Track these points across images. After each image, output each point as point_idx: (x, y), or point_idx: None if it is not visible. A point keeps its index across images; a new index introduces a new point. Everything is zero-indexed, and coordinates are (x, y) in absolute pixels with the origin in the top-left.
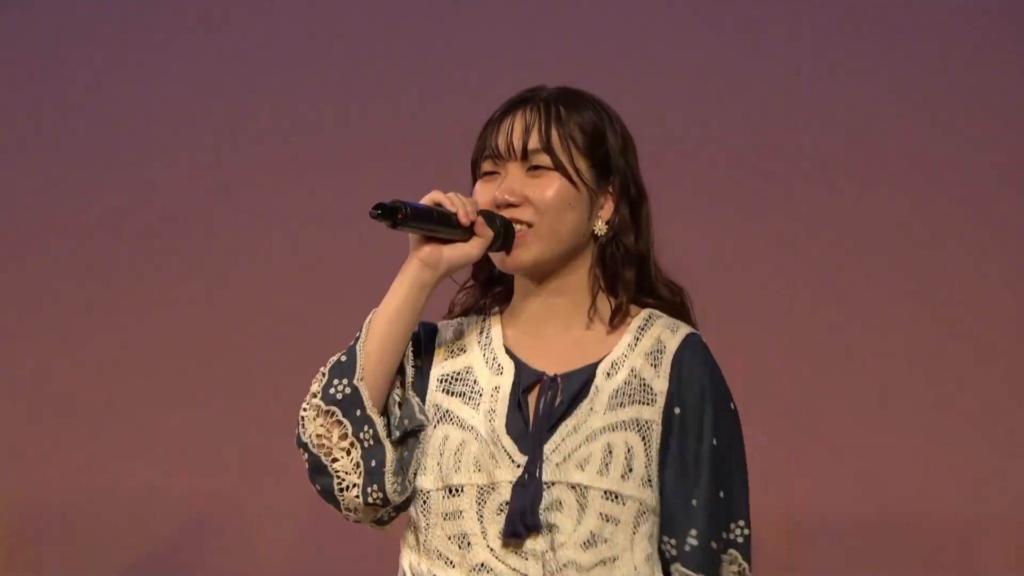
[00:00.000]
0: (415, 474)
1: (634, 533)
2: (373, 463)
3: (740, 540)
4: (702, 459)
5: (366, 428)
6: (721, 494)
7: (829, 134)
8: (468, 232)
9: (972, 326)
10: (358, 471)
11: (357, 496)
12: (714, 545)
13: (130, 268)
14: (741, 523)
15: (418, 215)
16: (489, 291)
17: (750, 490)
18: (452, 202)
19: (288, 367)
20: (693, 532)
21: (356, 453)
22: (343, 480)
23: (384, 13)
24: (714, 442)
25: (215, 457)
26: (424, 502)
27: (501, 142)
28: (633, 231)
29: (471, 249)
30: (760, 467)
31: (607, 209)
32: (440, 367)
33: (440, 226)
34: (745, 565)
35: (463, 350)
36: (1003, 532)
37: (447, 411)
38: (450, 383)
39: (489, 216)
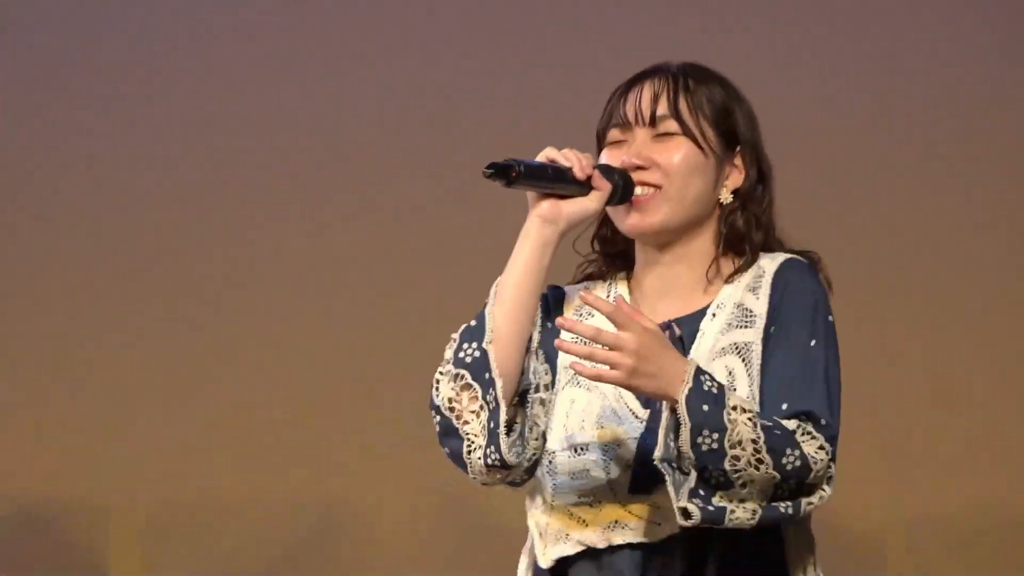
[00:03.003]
0: (539, 437)
1: None
2: (493, 425)
3: (831, 432)
4: (803, 355)
5: (490, 391)
6: (826, 385)
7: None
8: (585, 187)
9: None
10: (484, 434)
11: (479, 459)
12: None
13: (198, 271)
14: (833, 424)
15: (532, 172)
16: (612, 261)
17: None
18: (567, 157)
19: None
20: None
21: (484, 416)
22: (472, 443)
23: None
24: (813, 343)
25: (328, 456)
26: (550, 462)
27: (629, 110)
28: (762, 201)
29: (590, 203)
30: None
31: (733, 179)
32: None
33: (556, 182)
34: (830, 449)
35: (591, 313)
36: None
37: (575, 373)
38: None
39: (607, 170)
